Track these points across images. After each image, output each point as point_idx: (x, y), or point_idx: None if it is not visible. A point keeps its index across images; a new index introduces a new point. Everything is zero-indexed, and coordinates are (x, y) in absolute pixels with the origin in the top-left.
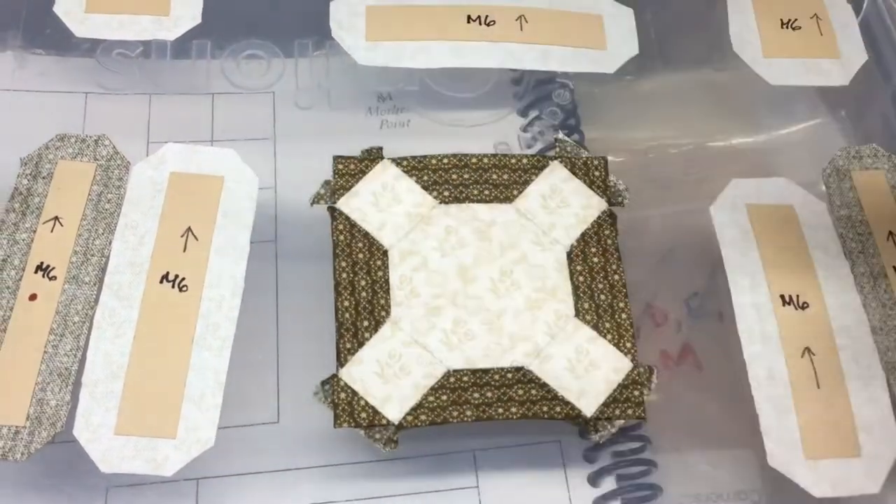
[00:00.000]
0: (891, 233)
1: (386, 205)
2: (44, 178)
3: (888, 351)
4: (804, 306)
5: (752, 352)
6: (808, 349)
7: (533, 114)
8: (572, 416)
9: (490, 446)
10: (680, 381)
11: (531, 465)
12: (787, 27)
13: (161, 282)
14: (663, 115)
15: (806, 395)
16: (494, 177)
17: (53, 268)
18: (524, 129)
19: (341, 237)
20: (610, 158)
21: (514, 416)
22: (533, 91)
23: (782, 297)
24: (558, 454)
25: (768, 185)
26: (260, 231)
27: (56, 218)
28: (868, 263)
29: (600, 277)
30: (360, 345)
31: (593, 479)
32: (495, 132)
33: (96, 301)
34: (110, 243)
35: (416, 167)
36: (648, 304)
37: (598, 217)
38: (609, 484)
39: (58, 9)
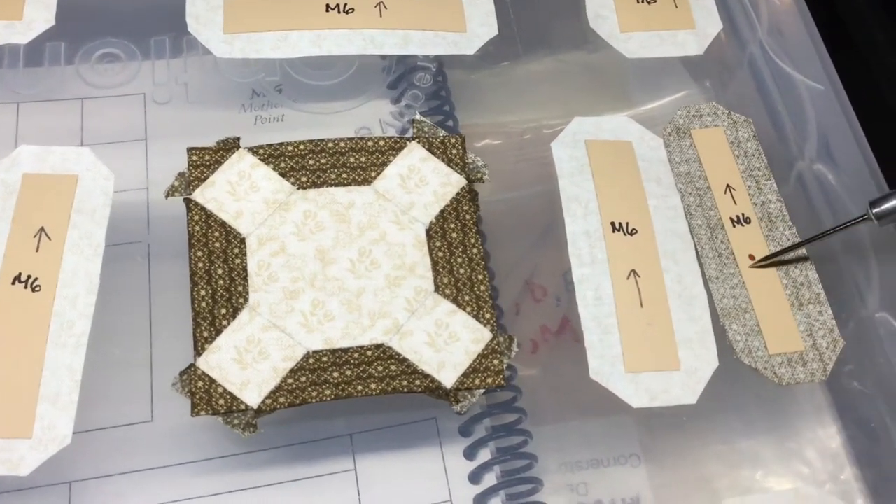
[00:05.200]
0: (728, 186)
1: (243, 193)
2: None
3: (723, 298)
4: (633, 232)
5: (580, 274)
6: (633, 272)
7: (405, 101)
8: (432, 388)
9: (367, 428)
10: (559, 354)
11: (408, 443)
12: (642, 1)
13: (13, 283)
14: (538, 98)
15: (629, 313)
16: (352, 160)
17: None
18: (396, 117)
19: (197, 228)
20: (486, 142)
21: (374, 393)
22: (403, 78)
23: (612, 224)
24: (434, 431)
25: (608, 122)
26: (132, 232)
27: None
28: (706, 216)
29: (459, 252)
30: (218, 333)
31: (469, 453)
32: (368, 119)
33: None
34: None
35: (272, 154)
36: (528, 281)
37: (458, 194)
38: (485, 456)
39: None
